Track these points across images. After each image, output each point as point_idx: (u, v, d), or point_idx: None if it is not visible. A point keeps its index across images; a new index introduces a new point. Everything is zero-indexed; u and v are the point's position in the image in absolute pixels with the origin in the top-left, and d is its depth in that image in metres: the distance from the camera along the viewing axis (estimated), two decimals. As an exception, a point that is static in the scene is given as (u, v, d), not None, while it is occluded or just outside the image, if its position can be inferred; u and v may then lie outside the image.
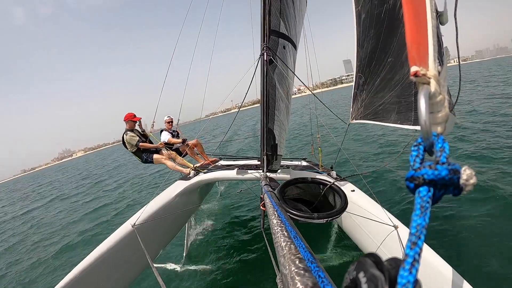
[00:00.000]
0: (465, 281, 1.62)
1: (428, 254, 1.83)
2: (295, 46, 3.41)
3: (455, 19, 0.68)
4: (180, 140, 4.73)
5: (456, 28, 0.73)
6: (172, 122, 4.96)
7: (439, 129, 0.34)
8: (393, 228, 2.16)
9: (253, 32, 4.65)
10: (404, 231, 2.12)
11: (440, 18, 0.63)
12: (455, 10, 0.67)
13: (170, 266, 3.97)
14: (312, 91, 3.50)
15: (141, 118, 4.53)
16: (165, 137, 4.74)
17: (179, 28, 4.71)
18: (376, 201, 2.62)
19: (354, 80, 2.66)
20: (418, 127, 1.73)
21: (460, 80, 1.18)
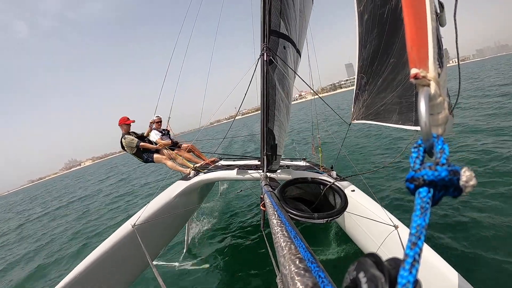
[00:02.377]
0: (465, 281, 1.62)
1: (429, 254, 1.83)
2: (295, 46, 3.41)
3: (455, 21, 0.68)
4: (168, 142, 4.71)
5: (456, 29, 0.73)
6: (161, 122, 5.00)
7: (439, 130, 0.35)
8: (393, 228, 2.17)
9: (253, 33, 4.66)
10: (404, 231, 2.12)
11: (439, 19, 0.63)
12: (455, 11, 0.67)
13: (170, 266, 3.98)
14: (314, 91, 3.51)
15: (134, 121, 4.55)
16: (154, 136, 4.79)
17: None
18: (376, 201, 2.63)
19: (355, 80, 2.66)
20: (419, 128, 1.73)
21: (459, 82, 1.18)
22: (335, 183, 1.66)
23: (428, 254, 1.83)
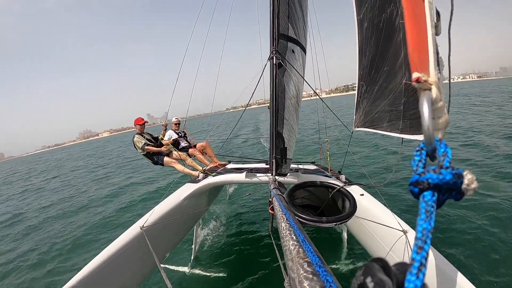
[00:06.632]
0: (471, 284, 1.58)
1: (435, 257, 1.79)
2: (304, 49, 3.41)
3: (449, 34, 0.67)
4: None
5: (449, 42, 0.72)
6: (179, 124, 5.28)
7: (439, 134, 0.34)
8: (402, 233, 2.12)
9: (261, 36, 4.69)
10: (413, 236, 2.07)
11: (435, 29, 0.63)
12: (449, 25, 0.66)
13: (178, 268, 3.99)
14: (319, 96, 3.49)
15: (147, 122, 4.77)
16: (167, 137, 5.06)
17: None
18: (386, 206, 2.58)
19: (357, 88, 2.69)
20: (404, 136, 1.76)
21: (449, 95, 1.17)
22: (344, 187, 1.65)
23: (434, 256, 1.79)
